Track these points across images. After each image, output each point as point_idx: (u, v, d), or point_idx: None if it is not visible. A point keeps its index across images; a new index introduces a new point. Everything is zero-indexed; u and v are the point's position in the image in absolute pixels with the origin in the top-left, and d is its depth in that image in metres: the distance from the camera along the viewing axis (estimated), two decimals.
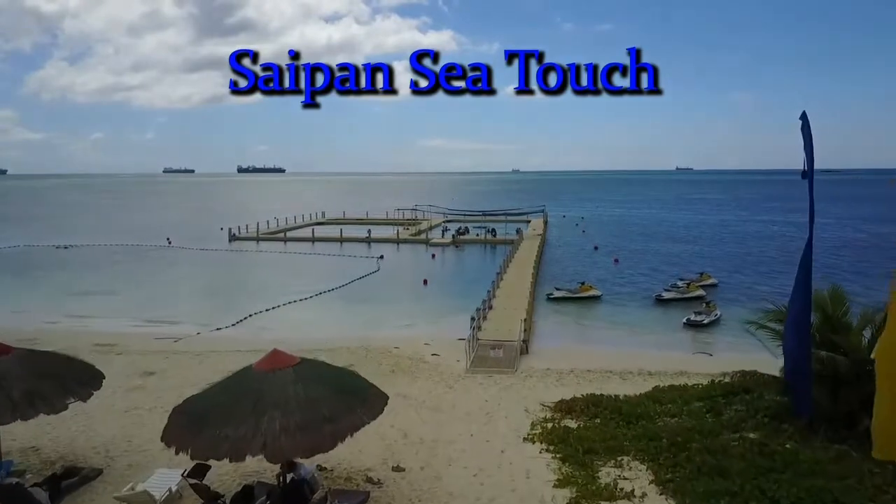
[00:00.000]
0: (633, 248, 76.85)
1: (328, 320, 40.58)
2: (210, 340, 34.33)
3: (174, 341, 33.88)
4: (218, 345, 32.50)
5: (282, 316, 41.70)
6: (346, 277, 54.93)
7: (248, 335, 35.92)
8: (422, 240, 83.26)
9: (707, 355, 31.72)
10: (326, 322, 40.07)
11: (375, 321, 39.72)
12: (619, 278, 55.34)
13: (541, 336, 34.63)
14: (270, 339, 34.18)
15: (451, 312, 40.90)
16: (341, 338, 33.82)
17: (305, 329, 37.56)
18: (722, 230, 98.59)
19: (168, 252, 74.59)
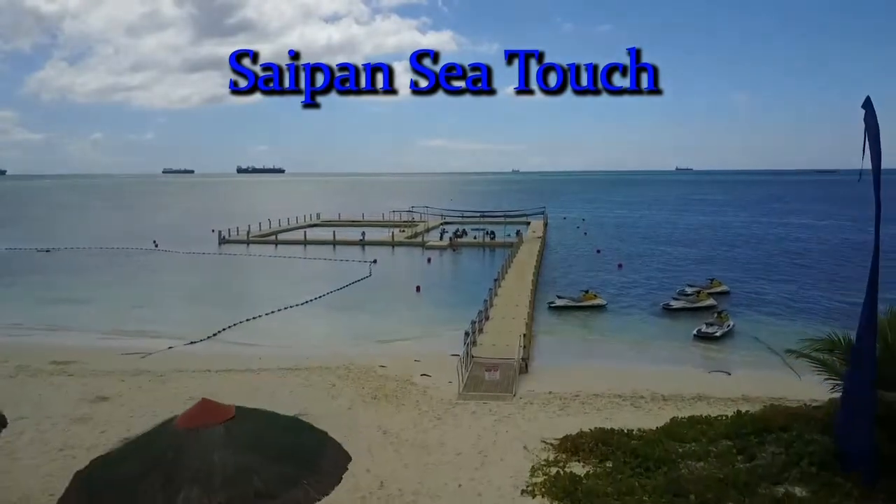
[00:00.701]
0: (637, 251, 73.99)
1: (311, 332, 37.73)
2: (181, 357, 31.44)
3: (141, 357, 30.98)
4: (187, 362, 29.60)
5: (262, 327, 38.84)
6: (336, 283, 52.05)
7: (223, 350, 33.08)
8: (418, 242, 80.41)
9: (724, 374, 28.83)
10: (309, 334, 37.21)
11: (363, 333, 36.84)
12: (624, 284, 52.46)
13: (542, 352, 31.71)
14: (245, 354, 31.53)
15: (445, 323, 38.13)
16: (323, 354, 30.94)
17: (285, 342, 34.69)
18: (727, 232, 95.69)
19: (153, 256, 71.73)
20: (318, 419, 19.89)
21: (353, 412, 21.15)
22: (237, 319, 39.78)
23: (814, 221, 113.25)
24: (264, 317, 41.02)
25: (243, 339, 35.98)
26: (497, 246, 77.58)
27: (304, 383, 24.95)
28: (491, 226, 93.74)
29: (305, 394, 23.50)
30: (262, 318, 40.62)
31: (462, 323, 33.98)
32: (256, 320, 40.16)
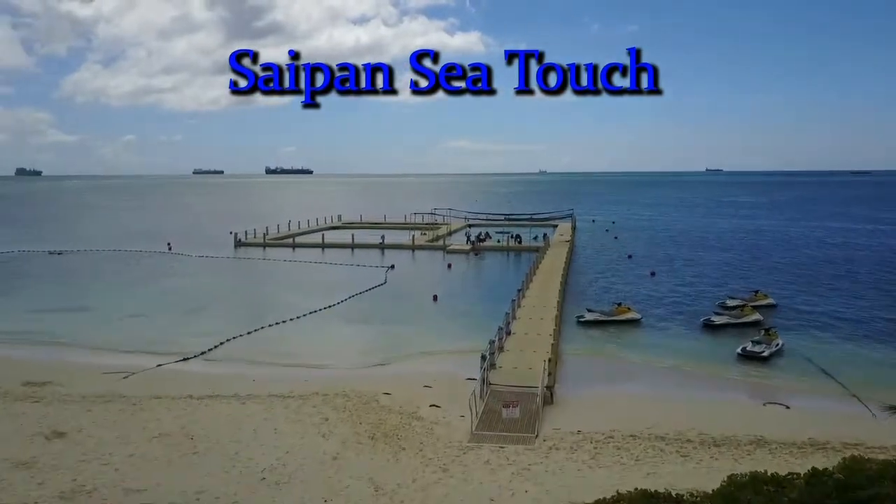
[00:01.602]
0: (670, 256, 69.81)
1: (314, 348, 34.41)
2: (167, 377, 28.42)
3: (123, 378, 28.00)
4: (171, 385, 26.55)
5: (263, 340, 35.73)
6: (350, 290, 48.88)
7: (215, 369, 30.00)
8: (439, 246, 76.99)
9: (782, 407, 24.92)
10: (311, 350, 33.91)
11: (370, 350, 33.55)
12: (658, 294, 48.51)
13: (569, 375, 28.06)
14: (238, 374, 28.47)
15: (462, 337, 34.72)
16: (322, 376, 27.77)
17: (284, 359, 31.59)
18: (763, 236, 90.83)
19: (165, 259, 69.29)
20: (294, 475, 16.74)
21: (341, 462, 17.74)
22: (238, 332, 36.75)
23: (853, 225, 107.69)
24: (267, 329, 37.92)
25: (240, 354, 32.89)
26: (522, 250, 73.89)
27: (294, 416, 21.67)
28: (516, 228, 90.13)
29: (292, 431, 20.23)
30: (264, 331, 37.51)
31: (481, 338, 30.58)
32: (258, 333, 37.05)
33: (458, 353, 31.28)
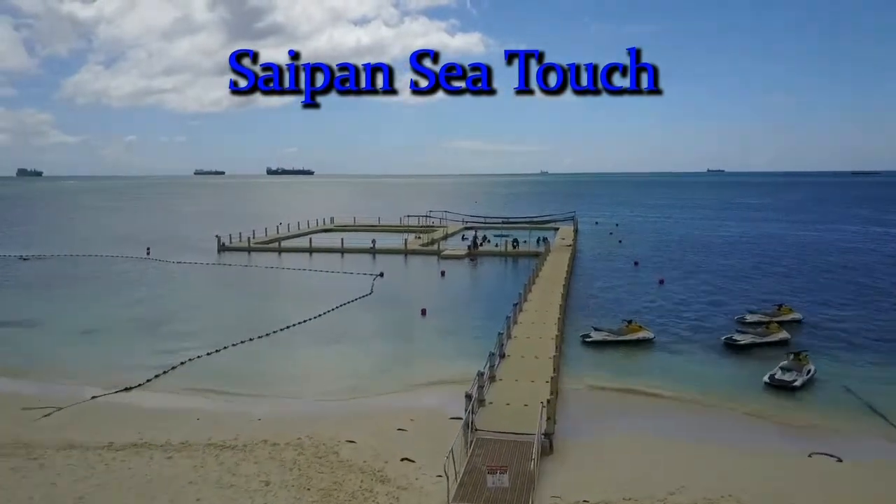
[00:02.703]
0: (678, 262, 65.35)
1: (278, 373, 29.93)
2: (97, 414, 24.07)
3: (44, 415, 23.64)
4: (95, 426, 22.19)
5: (222, 363, 31.35)
6: (331, 301, 44.56)
7: (155, 403, 25.58)
8: (433, 251, 72.54)
9: (833, 459, 20.44)
10: (274, 375, 29.47)
11: (341, 376, 29.12)
12: (670, 306, 44.05)
13: (572, 415, 23.59)
14: (180, 411, 23.98)
15: (450, 363, 30.38)
16: (278, 414, 23.33)
17: (241, 388, 27.22)
18: (776, 241, 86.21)
19: (140, 266, 64.85)
20: None
21: None
22: (198, 352, 32.44)
23: (867, 227, 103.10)
24: (230, 349, 33.50)
25: (193, 381, 28.52)
26: (521, 256, 69.51)
27: (228, 478, 17.27)
28: (515, 231, 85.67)
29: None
30: (226, 351, 33.10)
31: (471, 362, 26.38)
32: (219, 354, 32.66)
33: (444, 383, 26.97)
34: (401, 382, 27.75)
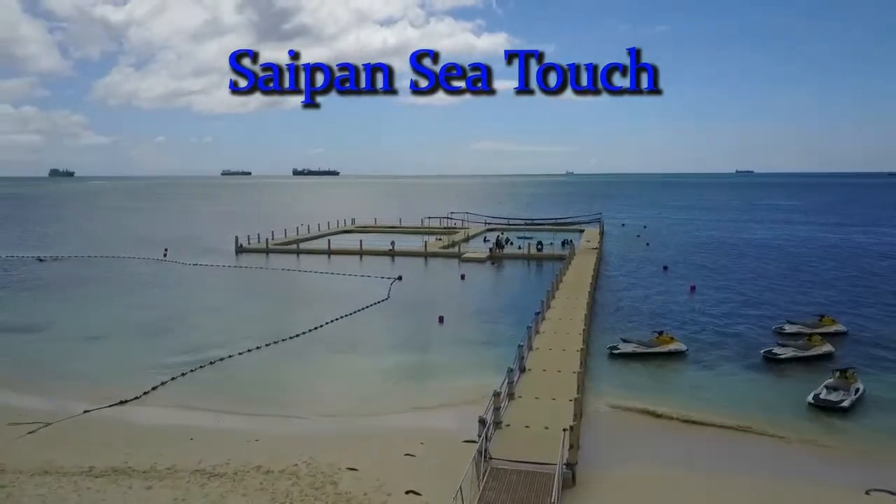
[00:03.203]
0: (709, 267, 62.66)
1: (282, 386, 28.17)
2: (86, 430, 22.55)
3: (29, 432, 22.14)
4: (82, 445, 20.61)
5: (226, 374, 29.73)
6: (346, 306, 42.91)
7: (150, 419, 23.99)
8: (453, 253, 70.61)
9: (892, 496, 18.15)
10: (278, 389, 27.71)
11: (349, 392, 27.27)
12: (702, 315, 41.62)
13: (598, 441, 21.43)
14: (172, 429, 22.33)
15: (466, 376, 28.43)
16: (276, 435, 21.56)
17: (241, 403, 25.50)
18: (810, 245, 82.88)
19: (156, 268, 63.81)
20: None
21: None
22: (201, 361, 30.91)
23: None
24: (236, 357, 31.86)
25: (193, 393, 26.92)
26: (545, 259, 67.34)
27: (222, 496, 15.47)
28: (539, 233, 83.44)
29: None
30: (231, 360, 31.46)
31: (489, 376, 24.49)
32: (223, 363, 31.04)
33: (458, 401, 24.92)
34: (412, 400, 25.79)
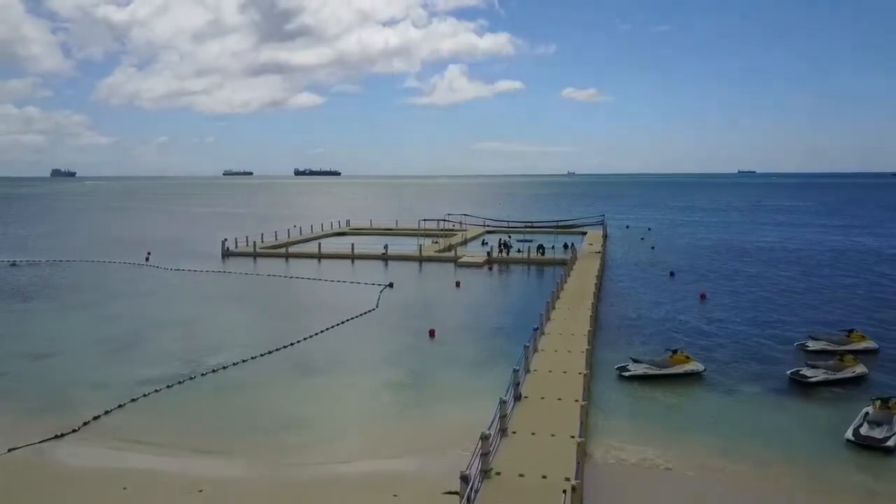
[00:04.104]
0: (718, 272, 59.22)
1: (241, 418, 24.51)
2: (8, 473, 19.15)
3: None
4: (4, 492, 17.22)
5: (180, 401, 26.25)
6: (330, 318, 39.60)
7: (82, 458, 20.63)
8: (450, 257, 67.20)
9: None
10: (237, 421, 24.16)
11: (316, 428, 23.63)
12: (715, 328, 38.21)
13: (603, 493, 18.01)
14: (107, 470, 18.93)
15: (455, 405, 25.05)
16: (225, 481, 18.14)
17: (192, 439, 22.05)
18: (823, 248, 79.44)
19: (134, 273, 60.42)
20: None
21: None
22: (157, 384, 27.50)
23: None
24: (199, 379, 28.44)
25: (135, 429, 23.35)
26: (546, 264, 63.94)
27: None
28: (540, 236, 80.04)
29: None
30: (186, 385, 27.91)
31: (480, 408, 21.04)
32: (178, 388, 27.51)
33: (441, 443, 21.41)
34: (388, 439, 22.28)
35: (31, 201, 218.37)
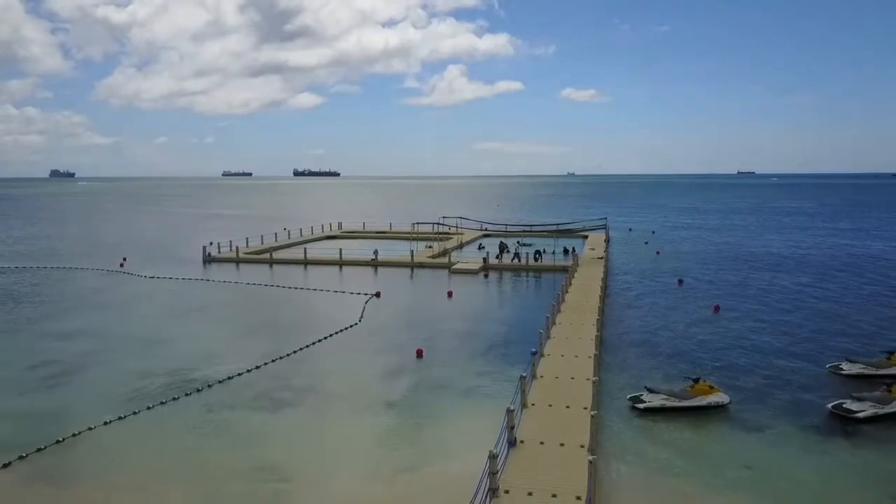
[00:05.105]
0: (730, 282, 55.13)
1: (180, 462, 20.58)
2: None
3: None
4: None
5: (113, 439, 22.29)
6: (308, 334, 35.81)
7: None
8: (443, 264, 63.21)
9: None
10: (175, 467, 20.20)
11: (271, 476, 19.72)
12: (733, 346, 34.26)
13: None
14: None
15: (438, 451, 21.06)
16: None
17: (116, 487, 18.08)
18: (836, 252, 75.55)
19: (107, 281, 56.42)
20: None
21: None
22: (93, 419, 23.54)
23: None
24: (139, 416, 24.43)
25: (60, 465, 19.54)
26: (545, 270, 60.03)
27: None
28: (539, 240, 76.06)
29: None
30: (127, 422, 23.95)
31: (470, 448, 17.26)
32: (118, 425, 23.55)
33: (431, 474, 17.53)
34: (357, 491, 18.34)
35: (20, 202, 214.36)
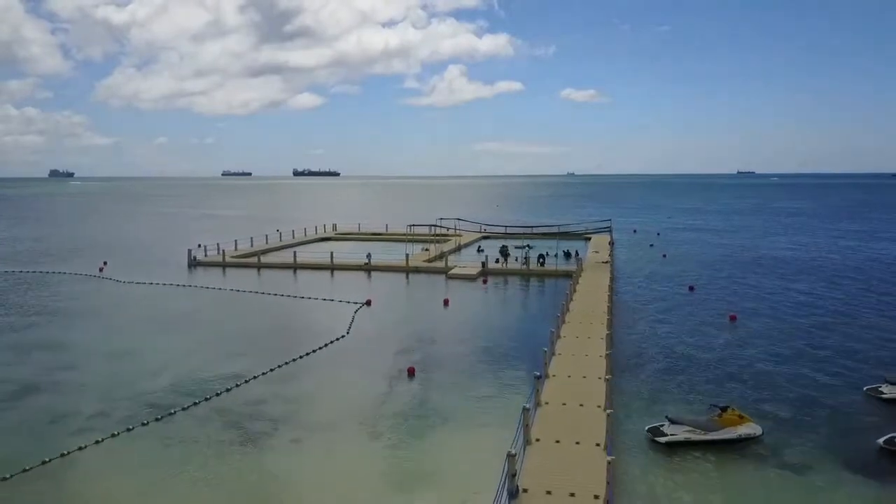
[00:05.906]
0: (743, 287, 52.00)
1: None
2: None
3: None
4: None
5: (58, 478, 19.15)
6: (292, 348, 32.75)
7: None
8: (440, 268, 60.10)
9: None
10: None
11: None
12: (757, 363, 31.14)
13: None
14: None
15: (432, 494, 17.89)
16: None
17: None
18: (847, 254, 72.49)
19: (84, 287, 53.28)
20: None
21: None
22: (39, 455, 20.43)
23: None
24: (86, 451, 21.30)
25: None
26: (547, 275, 56.93)
27: None
28: (540, 242, 72.96)
29: None
30: (82, 455, 20.90)
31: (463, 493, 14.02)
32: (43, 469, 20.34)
33: None
34: None
35: (12, 203, 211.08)
